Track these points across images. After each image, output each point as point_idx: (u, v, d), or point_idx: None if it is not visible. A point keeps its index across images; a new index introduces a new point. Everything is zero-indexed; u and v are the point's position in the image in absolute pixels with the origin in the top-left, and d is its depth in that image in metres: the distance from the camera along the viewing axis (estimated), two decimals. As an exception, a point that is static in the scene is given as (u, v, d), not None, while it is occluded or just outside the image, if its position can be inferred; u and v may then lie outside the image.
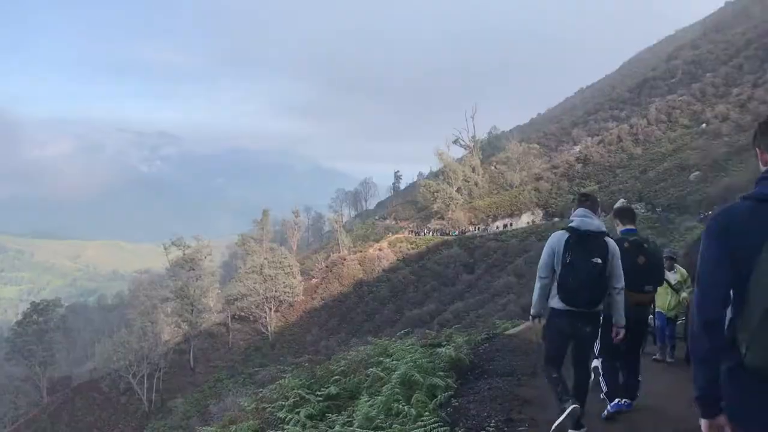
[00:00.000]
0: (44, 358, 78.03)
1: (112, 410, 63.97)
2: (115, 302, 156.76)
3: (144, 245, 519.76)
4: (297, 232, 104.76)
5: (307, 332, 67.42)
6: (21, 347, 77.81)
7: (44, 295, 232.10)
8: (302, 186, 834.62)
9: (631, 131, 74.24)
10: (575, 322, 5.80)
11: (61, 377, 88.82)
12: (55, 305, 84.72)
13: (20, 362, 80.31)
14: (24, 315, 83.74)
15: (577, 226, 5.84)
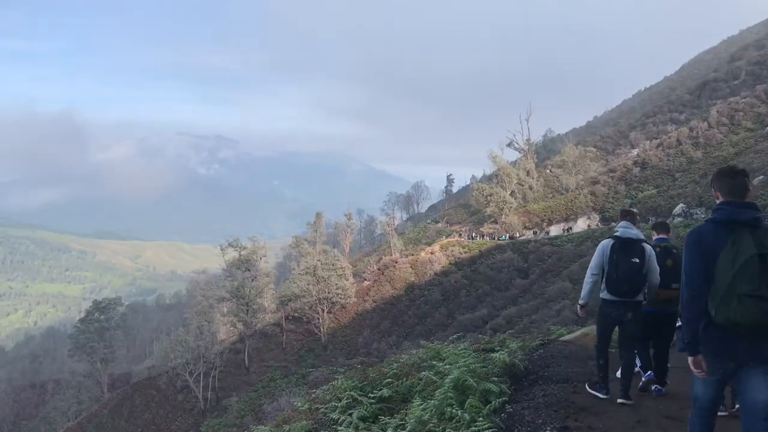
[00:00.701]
0: (105, 355, 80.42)
1: (169, 407, 65.44)
2: (173, 302, 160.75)
3: (201, 246, 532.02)
4: (349, 235, 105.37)
5: (358, 334, 67.68)
6: (84, 344, 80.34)
7: (106, 294, 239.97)
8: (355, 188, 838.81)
9: (691, 134, 72.07)
10: (619, 309, 7.70)
11: (121, 374, 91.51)
12: (116, 304, 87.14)
13: (83, 359, 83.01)
14: (87, 313, 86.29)
15: (621, 234, 7.80)
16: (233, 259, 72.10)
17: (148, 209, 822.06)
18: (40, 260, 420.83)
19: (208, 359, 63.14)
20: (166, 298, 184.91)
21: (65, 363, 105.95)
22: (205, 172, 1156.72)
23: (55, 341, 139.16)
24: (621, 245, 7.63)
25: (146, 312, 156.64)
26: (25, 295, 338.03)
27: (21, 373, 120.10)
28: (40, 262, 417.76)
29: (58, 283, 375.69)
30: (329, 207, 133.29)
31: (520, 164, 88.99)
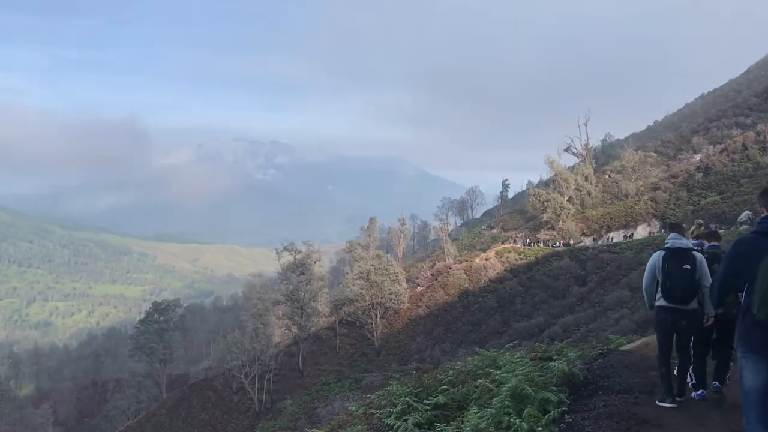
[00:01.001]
0: (164, 356, 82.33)
1: (225, 408, 66.56)
2: (229, 304, 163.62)
3: (257, 249, 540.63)
4: (402, 240, 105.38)
5: (412, 340, 67.55)
6: (143, 344, 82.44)
7: (165, 295, 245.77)
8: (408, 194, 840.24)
9: (757, 139, 69.45)
10: (674, 316, 8.10)
11: (178, 375, 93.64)
12: (175, 306, 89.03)
13: (142, 359, 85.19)
14: (146, 314, 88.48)
15: (671, 245, 8.36)
16: (288, 263, 72.94)
17: (206, 213, 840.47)
18: (103, 262, 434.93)
19: (263, 362, 63.96)
20: (223, 300, 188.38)
21: (126, 363, 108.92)
22: (262, 177, 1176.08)
23: (116, 341, 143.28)
24: (672, 254, 8.22)
25: (204, 314, 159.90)
26: (88, 295, 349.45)
27: (84, 371, 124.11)
28: (103, 264, 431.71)
29: (120, 284, 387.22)
30: (382, 212, 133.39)
31: (578, 169, 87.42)
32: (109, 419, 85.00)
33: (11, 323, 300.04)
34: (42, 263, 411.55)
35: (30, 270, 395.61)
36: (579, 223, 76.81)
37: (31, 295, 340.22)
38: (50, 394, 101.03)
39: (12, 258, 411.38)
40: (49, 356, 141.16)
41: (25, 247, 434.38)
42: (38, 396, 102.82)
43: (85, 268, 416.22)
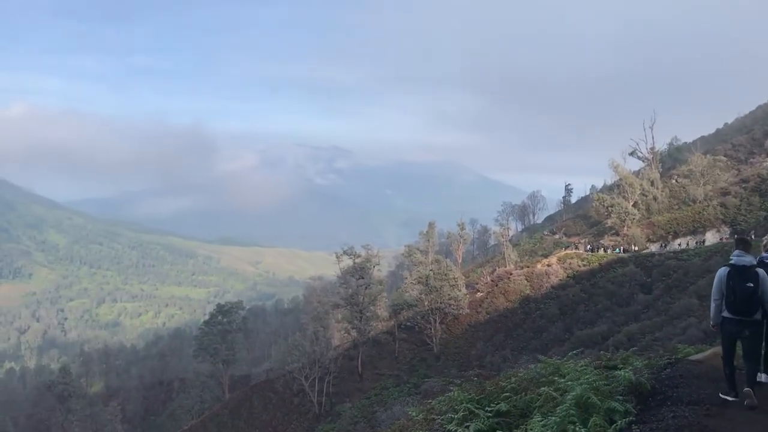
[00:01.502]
0: (227, 357, 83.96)
1: (285, 410, 67.47)
2: (290, 307, 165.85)
3: (317, 253, 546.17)
4: (462, 245, 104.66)
5: (471, 346, 67.04)
6: (207, 345, 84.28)
7: (228, 298, 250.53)
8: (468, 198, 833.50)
9: (837, 141, 66.37)
10: (738, 326, 8.67)
11: (241, 375, 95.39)
12: (238, 308, 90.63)
13: (206, 359, 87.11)
14: (210, 316, 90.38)
15: (735, 262, 8.71)
16: (348, 267, 73.46)
17: (268, 217, 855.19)
18: (169, 265, 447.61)
19: (323, 364, 64.56)
20: (284, 303, 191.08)
21: (190, 363, 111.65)
22: (322, 182, 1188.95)
23: (182, 342, 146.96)
24: (736, 272, 8.62)
25: (265, 316, 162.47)
26: (155, 297, 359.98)
27: (150, 371, 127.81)
28: (169, 266, 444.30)
29: (185, 286, 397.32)
30: (441, 217, 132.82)
31: (643, 174, 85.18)
32: (174, 418, 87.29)
33: (82, 323, 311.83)
34: (111, 265, 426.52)
35: (100, 271, 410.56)
36: (644, 228, 74.81)
37: (101, 296, 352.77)
38: (118, 392, 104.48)
39: (83, 260, 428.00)
40: (118, 355, 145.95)
41: (95, 250, 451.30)
42: (107, 393, 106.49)
43: (152, 270, 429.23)
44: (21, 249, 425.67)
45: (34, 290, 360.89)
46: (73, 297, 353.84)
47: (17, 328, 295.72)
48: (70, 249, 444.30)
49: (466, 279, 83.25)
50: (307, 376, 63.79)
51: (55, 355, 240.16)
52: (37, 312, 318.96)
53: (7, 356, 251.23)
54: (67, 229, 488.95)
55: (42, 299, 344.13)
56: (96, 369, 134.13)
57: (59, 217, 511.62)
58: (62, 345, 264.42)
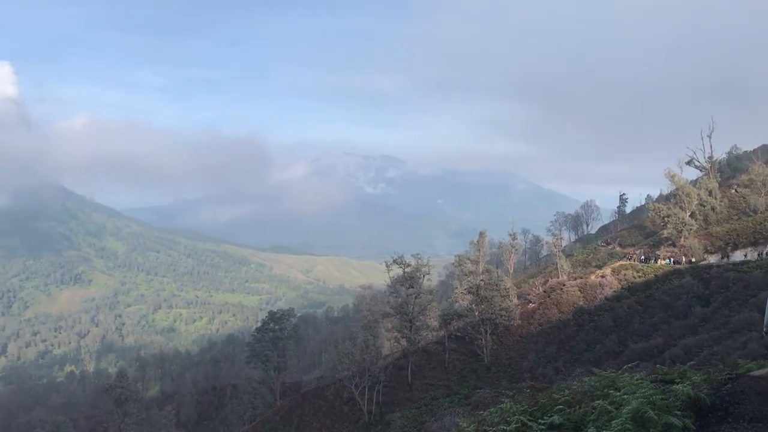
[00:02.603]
0: (278, 364, 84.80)
1: (335, 418, 67.72)
2: (340, 315, 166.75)
3: (367, 262, 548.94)
4: (514, 255, 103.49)
5: (523, 358, 66.17)
6: (259, 352, 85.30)
7: (280, 305, 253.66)
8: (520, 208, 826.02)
9: None
10: None
11: (292, 383, 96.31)
12: (289, 315, 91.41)
13: (258, 366, 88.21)
14: (263, 323, 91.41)
15: None
16: (397, 276, 73.43)
17: (319, 226, 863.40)
18: (223, 272, 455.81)
19: (372, 373, 64.60)
20: (334, 311, 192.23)
21: (242, 369, 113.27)
22: (372, 191, 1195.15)
23: (234, 348, 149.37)
24: None
25: (316, 324, 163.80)
26: (209, 303, 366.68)
27: (204, 376, 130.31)
28: (223, 273, 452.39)
29: (238, 293, 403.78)
30: (492, 226, 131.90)
31: (701, 183, 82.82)
32: (226, 423, 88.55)
33: (139, 328, 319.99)
34: (167, 272, 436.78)
35: (156, 278, 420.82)
36: (702, 239, 72.67)
37: (157, 302, 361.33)
38: (173, 397, 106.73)
39: (141, 266, 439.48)
40: (173, 360, 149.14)
41: (152, 257, 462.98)
42: (162, 398, 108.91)
43: (206, 277, 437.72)
44: (82, 256, 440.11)
45: (93, 296, 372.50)
46: (131, 303, 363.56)
47: (77, 332, 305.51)
48: (128, 256, 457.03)
49: (518, 289, 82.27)
50: (357, 385, 63.93)
51: (113, 360, 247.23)
52: (96, 317, 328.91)
53: (67, 360, 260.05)
54: (126, 236, 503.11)
55: (101, 305, 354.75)
56: (152, 373, 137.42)
57: (118, 225, 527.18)
58: (120, 349, 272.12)
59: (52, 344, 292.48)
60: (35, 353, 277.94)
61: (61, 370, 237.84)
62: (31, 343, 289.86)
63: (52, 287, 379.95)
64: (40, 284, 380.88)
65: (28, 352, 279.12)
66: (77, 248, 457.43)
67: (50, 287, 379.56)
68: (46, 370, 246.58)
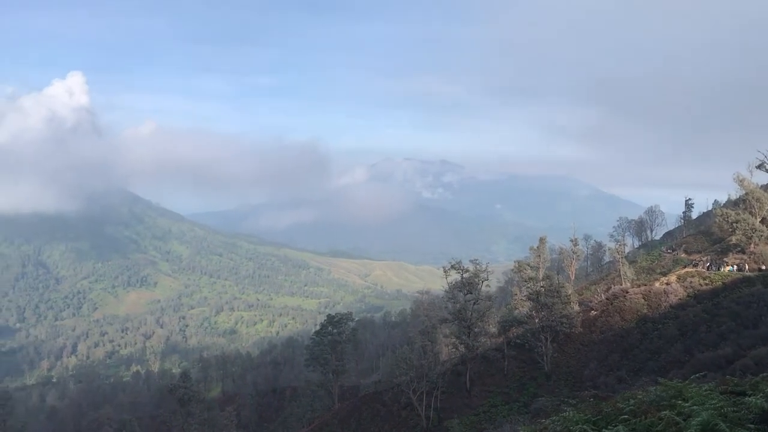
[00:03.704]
0: (337, 367, 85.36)
1: (393, 423, 67.75)
2: (398, 320, 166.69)
3: (424, 267, 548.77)
4: (575, 261, 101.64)
5: (584, 366, 64.81)
6: (318, 355, 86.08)
7: (338, 309, 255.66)
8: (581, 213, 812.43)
9: None
10: None
11: (350, 386, 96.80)
12: (348, 319, 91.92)
13: (317, 369, 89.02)
14: (321, 326, 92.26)
15: None
16: (455, 281, 73.00)
17: (377, 230, 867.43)
18: (283, 275, 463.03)
19: (430, 379, 64.36)
20: (392, 315, 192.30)
21: (302, 372, 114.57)
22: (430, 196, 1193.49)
23: (294, 351, 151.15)
24: None
25: (374, 328, 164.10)
26: (269, 306, 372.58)
27: (264, 378, 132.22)
28: (283, 277, 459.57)
29: (298, 296, 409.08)
30: (553, 232, 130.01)
31: (772, 188, 79.74)
32: (286, 425, 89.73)
33: (202, 330, 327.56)
34: (229, 275, 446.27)
35: (219, 281, 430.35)
36: (774, 246, 69.85)
37: (219, 305, 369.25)
38: (234, 398, 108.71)
39: (204, 270, 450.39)
40: (234, 362, 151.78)
41: (215, 260, 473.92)
42: (224, 398, 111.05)
43: (267, 280, 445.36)
44: (148, 259, 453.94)
45: (158, 298, 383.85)
46: (194, 305, 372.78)
47: (143, 333, 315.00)
48: (192, 259, 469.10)
49: (579, 296, 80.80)
50: (414, 390, 63.80)
51: (177, 360, 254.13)
52: (161, 319, 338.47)
53: (133, 360, 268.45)
54: (190, 240, 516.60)
55: (166, 306, 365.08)
56: (214, 374, 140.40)
57: (183, 229, 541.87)
58: (183, 350, 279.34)
59: (119, 344, 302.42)
60: (103, 353, 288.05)
61: (127, 369, 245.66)
62: (99, 344, 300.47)
63: (120, 289, 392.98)
64: (108, 286, 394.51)
65: (96, 352, 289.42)
66: (144, 251, 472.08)
67: (118, 289, 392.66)
68: (114, 369, 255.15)
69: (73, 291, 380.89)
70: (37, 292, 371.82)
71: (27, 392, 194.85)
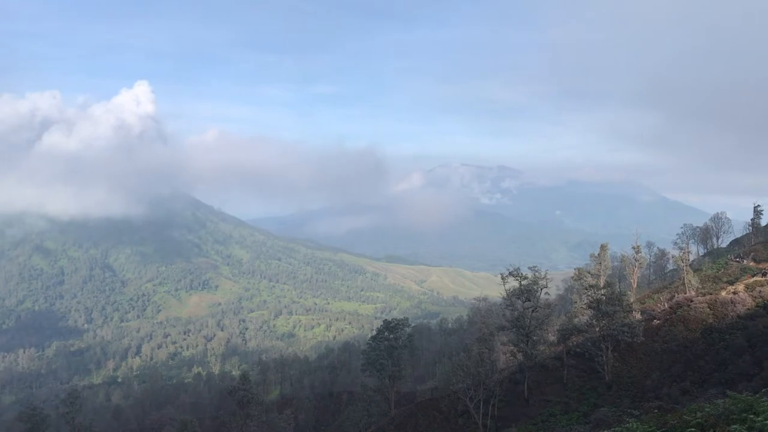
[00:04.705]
0: (393, 373, 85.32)
1: (449, 430, 67.34)
2: (454, 327, 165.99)
3: (481, 274, 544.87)
4: (637, 269, 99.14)
5: (646, 377, 63.13)
6: (374, 360, 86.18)
7: (394, 314, 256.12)
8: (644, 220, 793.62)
9: None
10: None
11: (406, 392, 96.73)
12: (404, 325, 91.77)
13: (373, 374, 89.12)
14: (377, 331, 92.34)
15: None
16: (513, 289, 72.16)
17: (433, 236, 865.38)
18: (340, 280, 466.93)
19: (488, 387, 63.76)
20: (448, 322, 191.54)
21: (358, 376, 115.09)
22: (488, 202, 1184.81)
23: (350, 355, 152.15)
24: None
25: (430, 335, 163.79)
26: (326, 311, 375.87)
27: (321, 382, 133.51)
28: (340, 282, 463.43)
29: (354, 301, 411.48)
30: (614, 239, 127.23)
31: None
32: (342, 429, 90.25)
33: (261, 333, 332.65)
34: (288, 279, 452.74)
35: (278, 285, 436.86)
36: None
37: (278, 308, 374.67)
38: (292, 401, 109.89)
39: (263, 274, 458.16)
40: (292, 365, 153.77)
41: (274, 265, 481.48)
42: (282, 401, 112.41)
43: (324, 285, 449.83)
44: (210, 263, 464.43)
45: (219, 301, 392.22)
46: (254, 308, 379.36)
47: (204, 335, 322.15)
48: (252, 263, 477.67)
49: (642, 305, 78.84)
50: (471, 398, 63.30)
51: (236, 363, 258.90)
52: (222, 321, 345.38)
53: (195, 361, 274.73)
54: (250, 245, 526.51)
55: (226, 309, 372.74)
56: (272, 377, 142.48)
57: (243, 234, 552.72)
58: (243, 353, 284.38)
59: (182, 346, 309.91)
60: (166, 354, 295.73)
61: (189, 371, 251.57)
62: (162, 345, 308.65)
63: (182, 292, 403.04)
64: (171, 289, 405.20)
65: (160, 353, 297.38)
66: (206, 255, 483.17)
67: (180, 292, 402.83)
68: (176, 370, 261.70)
69: (138, 293, 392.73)
70: (103, 294, 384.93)
71: (94, 391, 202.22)
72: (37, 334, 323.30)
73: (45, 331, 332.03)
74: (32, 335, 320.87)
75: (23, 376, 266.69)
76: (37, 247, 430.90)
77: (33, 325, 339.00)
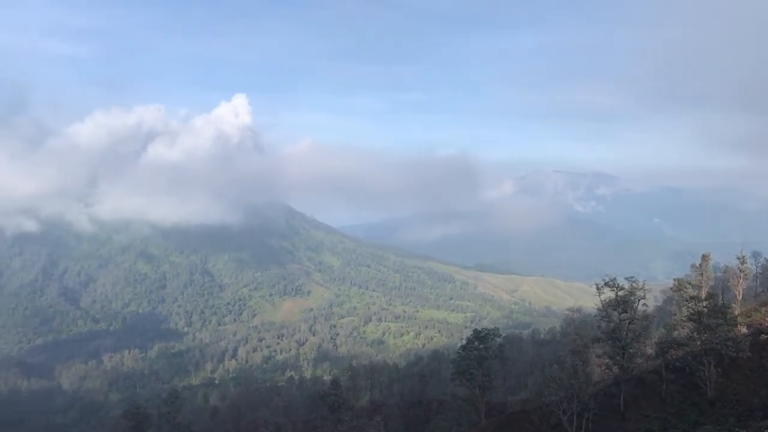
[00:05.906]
0: (483, 383, 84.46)
1: (541, 442, 66.08)
2: (547, 338, 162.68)
3: (575, 284, 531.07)
4: (742, 281, 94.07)
5: (754, 394, 59.83)
6: (464, 370, 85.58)
7: (484, 324, 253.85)
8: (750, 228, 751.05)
9: None
10: None
11: (496, 403, 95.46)
12: (494, 335, 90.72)
13: (463, 383, 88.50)
14: (467, 341, 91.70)
15: None
16: (609, 299, 70.10)
17: (525, 245, 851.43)
18: (429, 288, 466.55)
19: (581, 400, 62.24)
20: (540, 333, 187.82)
21: (447, 385, 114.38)
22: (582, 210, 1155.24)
23: (439, 364, 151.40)
24: None
25: (521, 345, 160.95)
26: (415, 318, 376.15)
27: (410, 390, 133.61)
28: (429, 289, 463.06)
29: (443, 310, 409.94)
30: (717, 248, 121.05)
31: None
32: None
33: (351, 339, 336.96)
34: (377, 286, 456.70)
35: (367, 292, 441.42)
36: None
37: (367, 315, 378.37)
38: (381, 407, 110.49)
39: (353, 280, 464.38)
40: (381, 372, 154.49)
41: (364, 271, 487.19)
42: (371, 408, 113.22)
43: (413, 292, 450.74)
44: (302, 269, 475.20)
45: (311, 306, 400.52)
46: (344, 315, 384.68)
47: (297, 340, 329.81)
48: (342, 270, 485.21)
49: (748, 318, 74.76)
50: (565, 411, 61.93)
51: (328, 368, 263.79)
52: (314, 327, 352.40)
53: (288, 365, 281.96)
54: (341, 252, 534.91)
55: (318, 315, 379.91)
56: (362, 383, 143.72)
57: (334, 241, 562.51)
58: (333, 358, 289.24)
59: (275, 350, 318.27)
60: (260, 358, 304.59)
61: (282, 374, 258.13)
62: (257, 349, 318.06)
63: (276, 297, 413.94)
64: (266, 294, 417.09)
65: (254, 356, 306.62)
66: (299, 262, 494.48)
67: (274, 297, 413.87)
68: (270, 374, 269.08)
69: (235, 298, 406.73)
70: (202, 299, 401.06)
71: (193, 392, 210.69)
72: (141, 336, 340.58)
73: (148, 333, 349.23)
74: (136, 337, 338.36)
75: (128, 376, 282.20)
76: (142, 253, 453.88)
77: (137, 328, 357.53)
